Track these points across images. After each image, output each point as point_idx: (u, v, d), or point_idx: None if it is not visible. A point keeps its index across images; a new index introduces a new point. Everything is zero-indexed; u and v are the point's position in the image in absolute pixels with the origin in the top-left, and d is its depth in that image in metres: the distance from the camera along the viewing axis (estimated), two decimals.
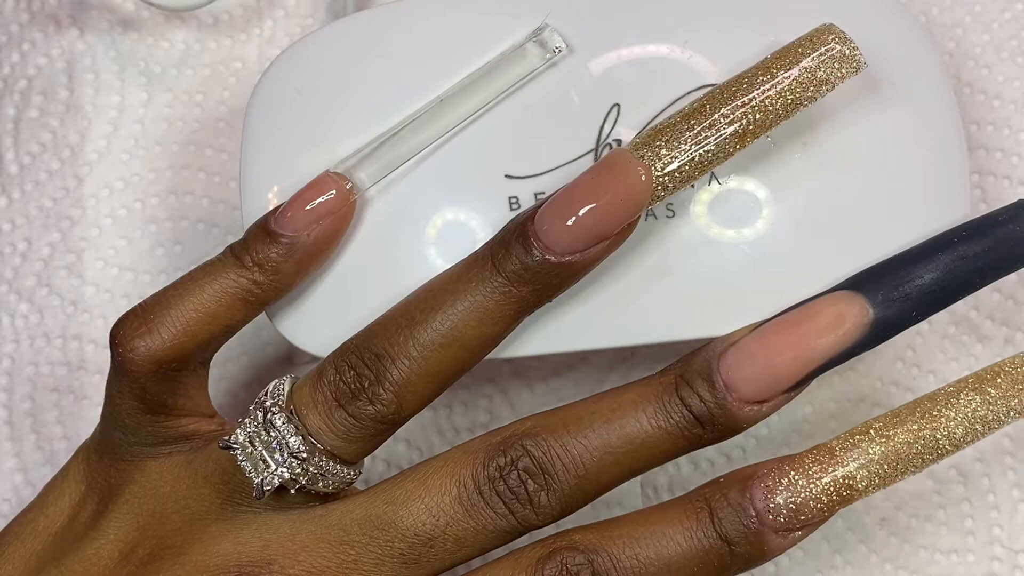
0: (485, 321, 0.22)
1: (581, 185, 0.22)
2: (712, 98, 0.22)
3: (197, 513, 0.22)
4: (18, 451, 0.30)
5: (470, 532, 0.21)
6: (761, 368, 0.21)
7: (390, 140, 0.24)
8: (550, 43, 0.24)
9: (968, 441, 0.21)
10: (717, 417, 0.21)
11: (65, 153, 0.31)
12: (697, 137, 0.22)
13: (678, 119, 0.22)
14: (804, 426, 0.29)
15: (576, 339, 0.24)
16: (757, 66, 0.22)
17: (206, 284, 0.23)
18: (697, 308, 0.24)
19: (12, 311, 0.30)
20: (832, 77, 0.22)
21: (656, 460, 0.21)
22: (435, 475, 0.21)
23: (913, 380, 0.28)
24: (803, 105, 0.22)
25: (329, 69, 0.25)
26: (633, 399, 0.21)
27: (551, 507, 0.21)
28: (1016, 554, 0.27)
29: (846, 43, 0.22)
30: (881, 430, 0.21)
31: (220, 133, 0.31)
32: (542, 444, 0.21)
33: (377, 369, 0.21)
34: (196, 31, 0.32)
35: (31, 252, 0.30)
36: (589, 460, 0.21)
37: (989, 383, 0.21)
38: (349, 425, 0.21)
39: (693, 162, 0.22)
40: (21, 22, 0.32)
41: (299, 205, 0.23)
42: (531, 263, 0.21)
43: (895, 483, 0.21)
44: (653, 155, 0.22)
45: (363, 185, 0.24)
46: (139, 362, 0.22)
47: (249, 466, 0.21)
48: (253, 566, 0.21)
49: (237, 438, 0.21)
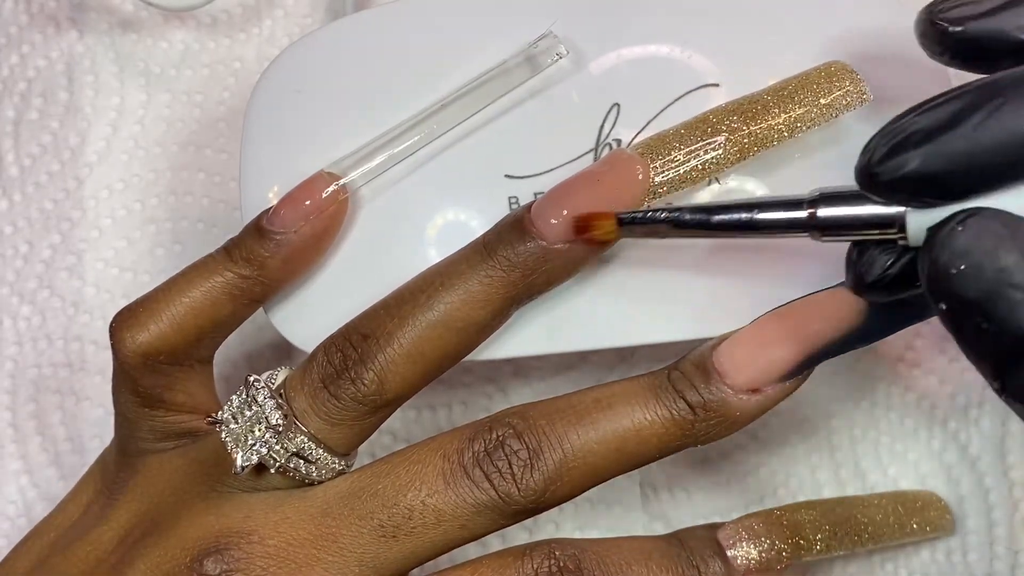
0: (472, 303, 0.22)
1: (579, 177, 0.22)
2: (720, 116, 0.23)
3: (187, 493, 0.22)
4: (23, 453, 0.30)
5: (450, 505, 0.21)
6: (753, 354, 0.21)
7: (388, 142, 0.24)
8: (552, 50, 0.24)
9: None
10: (710, 404, 0.21)
11: (65, 155, 0.31)
12: (698, 147, 0.23)
13: (682, 130, 0.23)
14: (804, 426, 0.29)
15: (576, 339, 0.24)
16: (768, 93, 0.23)
17: (195, 279, 0.23)
18: (697, 308, 0.24)
19: (15, 314, 0.30)
20: (837, 111, 0.23)
21: (648, 450, 0.21)
22: (421, 450, 0.21)
23: (914, 381, 0.28)
24: (807, 127, 0.23)
25: (328, 69, 0.25)
26: (626, 388, 0.21)
27: (535, 485, 0.21)
28: (1016, 554, 0.27)
29: (856, 83, 0.23)
30: None
31: (220, 133, 0.31)
32: (528, 422, 0.21)
33: (362, 349, 0.22)
34: (195, 31, 0.31)
35: (32, 254, 0.30)
36: (576, 441, 0.21)
37: None
38: (331, 407, 0.21)
39: (690, 170, 0.22)
40: (20, 24, 0.32)
41: (291, 203, 0.23)
42: (522, 248, 0.22)
43: None
44: (657, 158, 0.22)
45: (357, 185, 0.24)
46: (127, 354, 0.23)
47: (231, 442, 0.22)
48: (233, 536, 0.21)
49: (223, 414, 0.22)
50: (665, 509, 0.28)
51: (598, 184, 0.22)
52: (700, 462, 0.29)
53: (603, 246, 0.23)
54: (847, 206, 0.20)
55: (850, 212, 0.20)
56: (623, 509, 0.29)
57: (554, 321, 0.24)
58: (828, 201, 0.20)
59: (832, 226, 0.20)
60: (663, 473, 0.29)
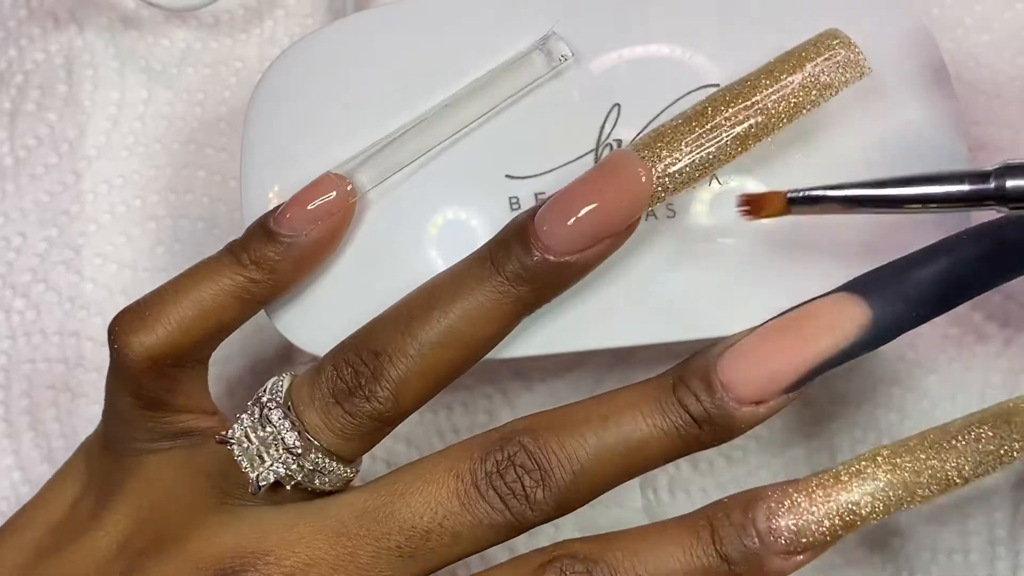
0: (484, 321, 0.22)
1: (581, 185, 0.22)
2: (714, 101, 0.22)
3: (195, 506, 0.22)
4: (16, 448, 0.29)
5: (467, 526, 0.21)
6: (758, 368, 0.21)
7: (391, 144, 0.24)
8: (556, 52, 0.24)
9: (979, 474, 0.21)
10: (714, 417, 0.21)
11: (63, 148, 0.31)
12: (698, 140, 0.22)
13: (680, 121, 0.22)
14: (804, 428, 0.29)
15: (575, 340, 0.24)
16: (761, 70, 0.23)
17: (203, 282, 0.23)
18: (696, 308, 0.24)
19: (8, 307, 0.30)
20: (836, 82, 0.22)
21: (654, 461, 0.21)
22: (433, 469, 0.21)
23: (914, 381, 0.28)
24: (806, 110, 0.22)
25: (329, 69, 0.25)
26: (631, 400, 0.21)
27: (546, 503, 0.21)
28: (1017, 554, 0.27)
29: (850, 48, 0.22)
30: (889, 458, 0.21)
31: (220, 132, 0.31)
32: (539, 441, 0.21)
33: (375, 367, 0.21)
34: (196, 30, 0.31)
35: (26, 247, 0.30)
36: (585, 458, 0.21)
37: (1004, 419, 0.22)
38: (345, 422, 0.21)
39: (693, 165, 0.22)
40: (19, 18, 0.32)
41: (299, 205, 0.23)
42: (530, 263, 0.21)
43: (900, 511, 0.21)
44: (654, 157, 0.22)
45: (363, 187, 0.24)
46: (134, 359, 0.22)
47: (245, 461, 0.21)
48: (250, 556, 0.21)
49: (234, 433, 0.21)
50: (665, 510, 0.28)
51: (600, 194, 0.21)
52: (700, 463, 0.29)
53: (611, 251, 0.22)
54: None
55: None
56: (622, 511, 0.29)
57: (553, 322, 0.24)
58: (1013, 172, 0.21)
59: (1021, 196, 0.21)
60: (663, 474, 0.29)
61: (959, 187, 0.21)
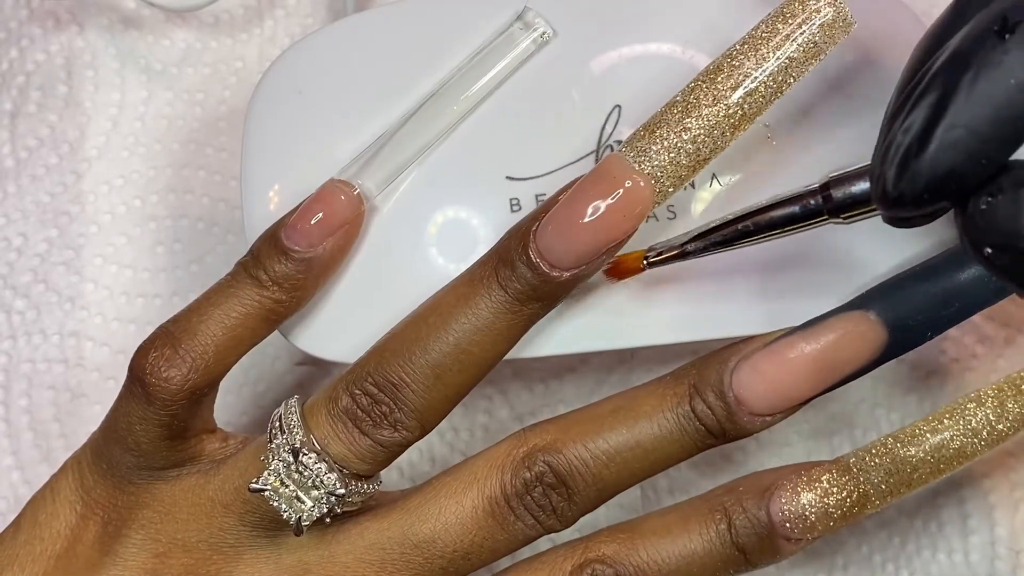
0: (497, 340, 0.22)
1: (581, 199, 0.21)
2: (698, 85, 0.21)
3: (227, 542, 0.22)
4: (15, 449, 0.29)
5: (503, 542, 0.22)
6: (774, 388, 0.22)
7: (391, 144, 0.24)
8: (534, 25, 0.24)
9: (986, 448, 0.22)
10: (728, 430, 0.22)
11: (64, 148, 0.31)
12: (687, 128, 0.21)
13: (664, 111, 0.22)
14: (804, 426, 0.29)
15: (576, 341, 0.24)
16: (743, 42, 0.21)
17: (229, 307, 0.23)
18: (697, 309, 0.24)
19: (8, 307, 0.30)
20: (823, 43, 0.21)
21: (666, 466, 0.23)
22: (466, 492, 0.22)
23: (914, 381, 0.28)
24: (795, 80, 0.21)
25: (329, 69, 0.25)
26: (648, 411, 0.22)
27: (572, 515, 0.22)
28: (1017, 554, 0.27)
29: (834, 4, 0.21)
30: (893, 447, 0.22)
31: (220, 132, 0.31)
32: (563, 460, 0.22)
33: (395, 396, 0.22)
34: (197, 30, 0.31)
35: (27, 247, 0.30)
36: (607, 473, 0.22)
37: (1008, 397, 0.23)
38: (376, 452, 0.22)
39: (687, 156, 0.21)
40: (20, 19, 0.32)
41: (309, 217, 0.23)
42: (537, 283, 0.22)
43: (909, 493, 0.22)
44: (644, 156, 0.21)
45: (371, 193, 0.24)
46: (174, 391, 0.22)
47: (285, 506, 0.21)
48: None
49: (267, 480, 0.21)
50: None
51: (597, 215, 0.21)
52: (701, 463, 0.29)
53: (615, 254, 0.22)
54: (860, 183, 0.20)
55: (865, 188, 0.20)
56: (623, 511, 0.29)
57: (554, 323, 0.24)
58: (838, 183, 0.20)
59: (849, 204, 0.20)
60: (664, 474, 0.29)
61: (791, 209, 0.21)
